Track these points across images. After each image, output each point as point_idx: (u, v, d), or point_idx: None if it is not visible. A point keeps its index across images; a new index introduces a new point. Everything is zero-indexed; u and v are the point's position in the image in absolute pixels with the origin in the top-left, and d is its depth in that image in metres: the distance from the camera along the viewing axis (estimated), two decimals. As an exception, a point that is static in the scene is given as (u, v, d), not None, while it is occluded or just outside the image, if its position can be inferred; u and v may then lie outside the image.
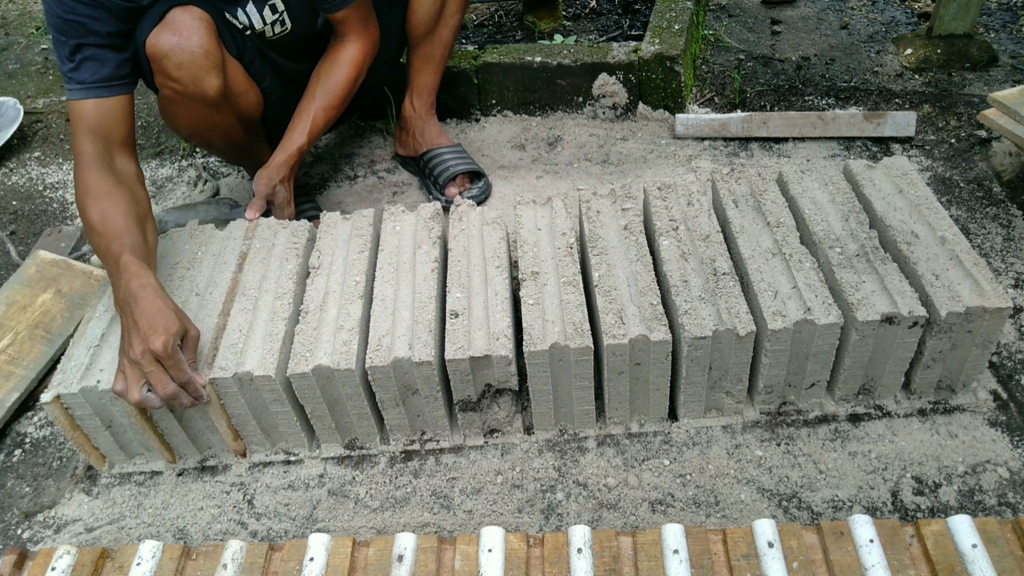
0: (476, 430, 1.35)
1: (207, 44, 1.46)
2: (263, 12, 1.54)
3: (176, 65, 1.44)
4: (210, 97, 1.51)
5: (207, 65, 1.47)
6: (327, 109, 1.64)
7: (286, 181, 1.62)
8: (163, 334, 1.15)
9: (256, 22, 1.55)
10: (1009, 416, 1.31)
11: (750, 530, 1.01)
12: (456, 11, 1.80)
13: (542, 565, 1.00)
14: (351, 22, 1.61)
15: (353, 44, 1.64)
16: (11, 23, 3.17)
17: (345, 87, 1.64)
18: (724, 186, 1.45)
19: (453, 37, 1.85)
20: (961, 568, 0.95)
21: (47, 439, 1.48)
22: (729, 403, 1.32)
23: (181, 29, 1.42)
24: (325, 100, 1.63)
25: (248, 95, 1.63)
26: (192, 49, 1.44)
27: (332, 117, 1.66)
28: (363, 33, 1.64)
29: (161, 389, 1.17)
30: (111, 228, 1.29)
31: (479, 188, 1.91)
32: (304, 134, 1.62)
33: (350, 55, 1.63)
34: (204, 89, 1.49)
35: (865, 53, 2.33)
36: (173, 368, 1.17)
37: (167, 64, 1.44)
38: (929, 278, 1.22)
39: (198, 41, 1.44)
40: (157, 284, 1.23)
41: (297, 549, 1.05)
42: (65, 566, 1.06)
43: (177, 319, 1.19)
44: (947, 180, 1.83)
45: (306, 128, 1.62)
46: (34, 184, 2.22)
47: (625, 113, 2.13)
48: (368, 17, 1.64)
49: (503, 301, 1.29)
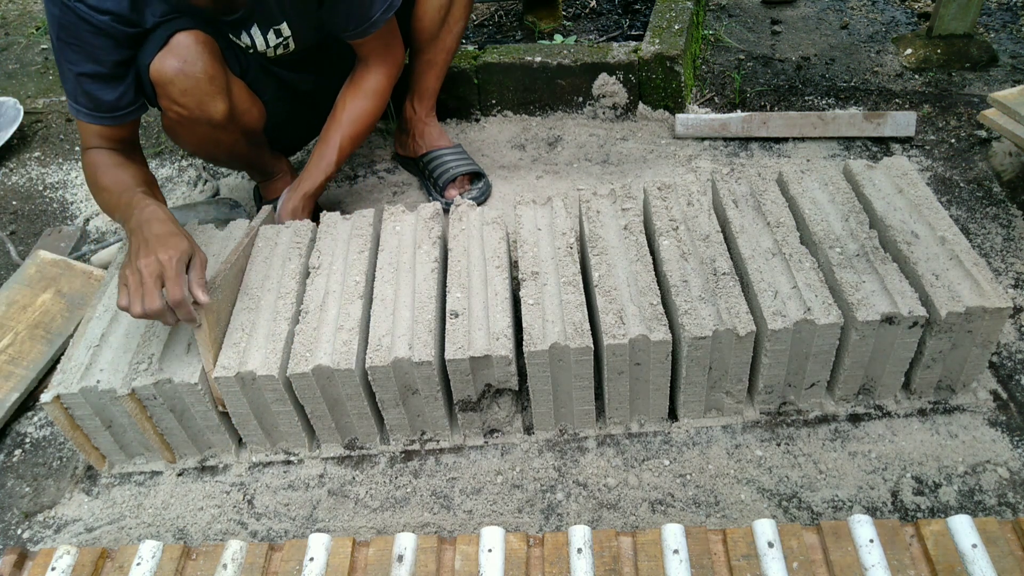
0: (476, 430, 1.35)
1: (211, 69, 1.46)
2: (267, 36, 1.54)
3: (181, 92, 1.44)
4: (215, 120, 1.51)
5: (212, 91, 1.47)
6: (354, 138, 1.66)
7: (309, 211, 1.66)
8: (172, 249, 1.19)
9: (260, 44, 1.55)
10: (1009, 416, 1.31)
11: (750, 530, 1.01)
12: (460, 17, 1.81)
13: (542, 565, 1.00)
14: (373, 47, 1.61)
15: (379, 71, 1.65)
16: (11, 23, 3.17)
17: (371, 116, 1.67)
18: (724, 186, 1.45)
19: (457, 42, 1.85)
20: (961, 568, 0.95)
21: (47, 439, 1.48)
22: (729, 403, 1.32)
23: (186, 55, 1.41)
24: (352, 128, 1.65)
25: (252, 112, 1.63)
26: (197, 75, 1.43)
27: (358, 145, 1.69)
28: (387, 57, 1.65)
29: (149, 303, 1.17)
30: (122, 184, 1.37)
31: (479, 189, 1.91)
32: (332, 164, 1.65)
33: (376, 84, 1.65)
34: (210, 113, 1.49)
35: (865, 53, 2.33)
36: (173, 284, 1.18)
37: (172, 90, 1.43)
38: (929, 278, 1.22)
39: (203, 67, 1.44)
40: (170, 215, 1.27)
41: (297, 549, 1.05)
42: (65, 566, 1.06)
43: (187, 241, 1.22)
44: (947, 180, 1.83)
45: (333, 159, 1.65)
46: (34, 184, 2.22)
47: (625, 113, 2.13)
48: (391, 41, 1.64)
49: (503, 301, 1.29)
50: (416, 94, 1.90)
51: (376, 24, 1.55)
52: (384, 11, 1.54)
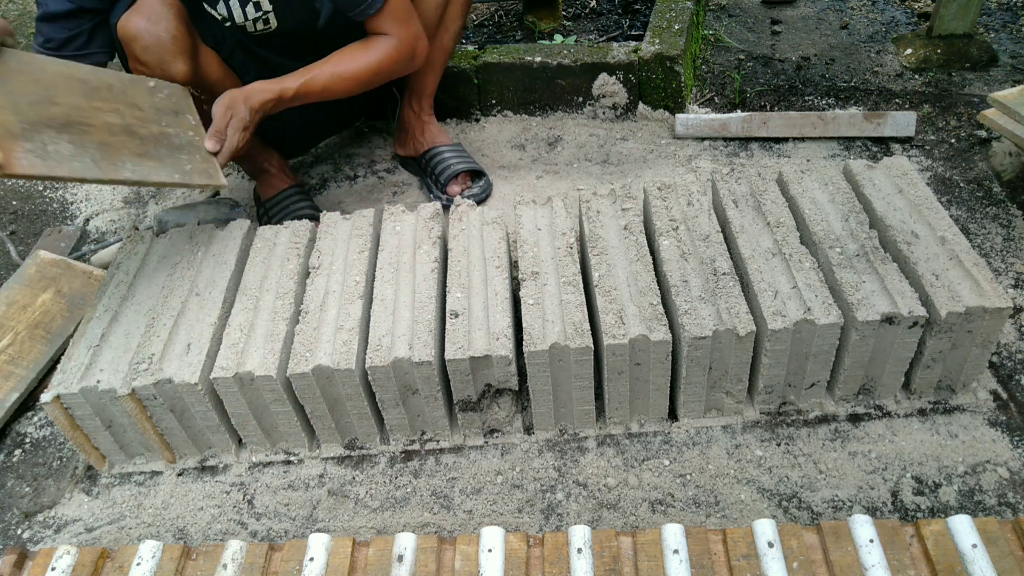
0: (476, 430, 1.35)
1: (175, 29, 1.47)
2: (245, 8, 1.54)
3: (143, 48, 1.46)
4: (177, 81, 1.51)
5: (174, 50, 1.48)
6: (333, 77, 1.55)
7: (253, 111, 1.49)
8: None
9: (237, 16, 1.55)
10: (1009, 416, 1.31)
11: (750, 530, 1.01)
12: (458, 16, 1.80)
13: (542, 565, 1.00)
14: (385, 27, 1.57)
15: (390, 39, 1.58)
16: (11, 23, 3.17)
17: (362, 69, 1.56)
18: (724, 186, 1.45)
19: (454, 42, 1.85)
20: (961, 568, 0.95)
21: (47, 439, 1.48)
22: (729, 403, 1.32)
23: (150, 13, 1.45)
24: (337, 67, 1.55)
25: (224, 84, 1.61)
26: (159, 33, 1.46)
27: (336, 89, 1.56)
28: (404, 32, 1.59)
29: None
30: None
31: (480, 187, 1.91)
32: (295, 81, 1.52)
33: (383, 45, 1.58)
34: (170, 73, 1.50)
35: (865, 53, 2.33)
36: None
37: (135, 47, 1.47)
38: (929, 278, 1.22)
39: (165, 26, 1.46)
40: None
41: (297, 549, 1.05)
42: (65, 566, 1.06)
43: None
44: (947, 180, 1.83)
45: (301, 78, 1.52)
46: (34, 184, 2.22)
47: (625, 113, 2.13)
48: (408, 20, 1.59)
49: (503, 301, 1.29)
50: (414, 93, 1.90)
51: (375, 4, 1.52)
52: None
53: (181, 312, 1.34)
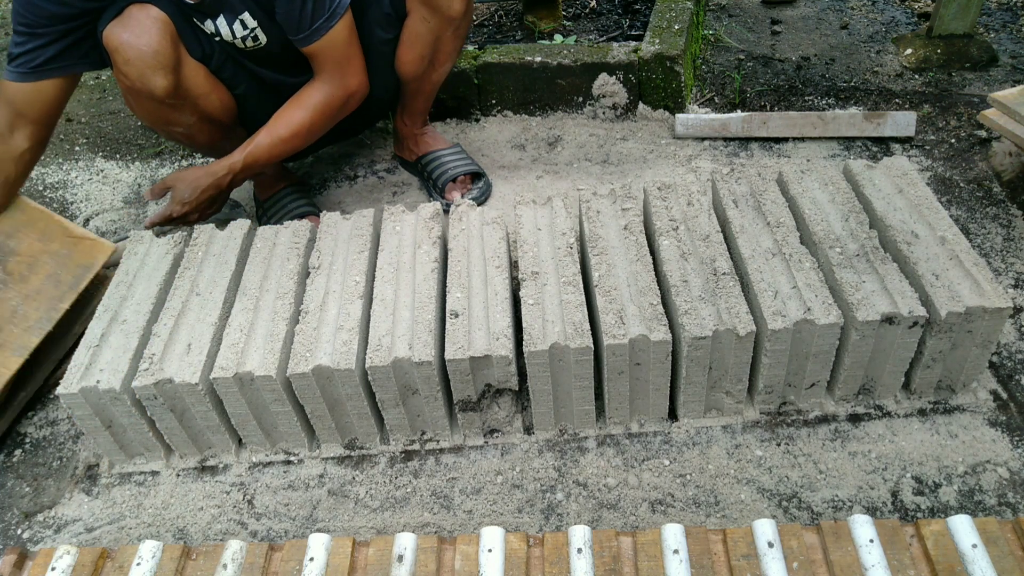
0: (476, 430, 1.35)
1: (157, 44, 1.47)
2: (233, 26, 1.53)
3: (124, 60, 1.47)
4: (157, 95, 1.51)
5: (155, 64, 1.48)
6: (274, 143, 1.58)
7: (203, 190, 1.59)
8: None
9: (225, 33, 1.54)
10: (1009, 416, 1.31)
11: (750, 530, 1.01)
12: (448, 59, 1.75)
13: (542, 565, 1.00)
14: (323, 62, 1.55)
15: (322, 89, 1.57)
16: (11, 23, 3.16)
17: (299, 128, 1.58)
18: (724, 186, 1.45)
19: (445, 75, 1.80)
20: (961, 568, 0.95)
21: (47, 439, 1.48)
22: (729, 403, 1.32)
23: (135, 27, 1.45)
24: (275, 134, 1.58)
25: (210, 98, 1.61)
26: (141, 47, 1.46)
27: (280, 151, 1.61)
28: (337, 78, 1.56)
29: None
30: None
31: (479, 188, 1.91)
32: (240, 155, 1.59)
33: (315, 100, 1.57)
34: (150, 87, 1.50)
35: (865, 53, 2.33)
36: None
37: (117, 58, 1.47)
38: (929, 278, 1.22)
39: (147, 40, 1.46)
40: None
41: (297, 549, 1.05)
42: (65, 566, 1.06)
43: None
44: (947, 180, 1.83)
45: (244, 150, 1.59)
46: (34, 184, 2.22)
47: (625, 113, 2.13)
48: (345, 63, 1.56)
49: (503, 301, 1.29)
50: (406, 111, 1.89)
51: (312, 36, 1.49)
52: (323, 22, 1.48)
53: (181, 312, 1.34)
